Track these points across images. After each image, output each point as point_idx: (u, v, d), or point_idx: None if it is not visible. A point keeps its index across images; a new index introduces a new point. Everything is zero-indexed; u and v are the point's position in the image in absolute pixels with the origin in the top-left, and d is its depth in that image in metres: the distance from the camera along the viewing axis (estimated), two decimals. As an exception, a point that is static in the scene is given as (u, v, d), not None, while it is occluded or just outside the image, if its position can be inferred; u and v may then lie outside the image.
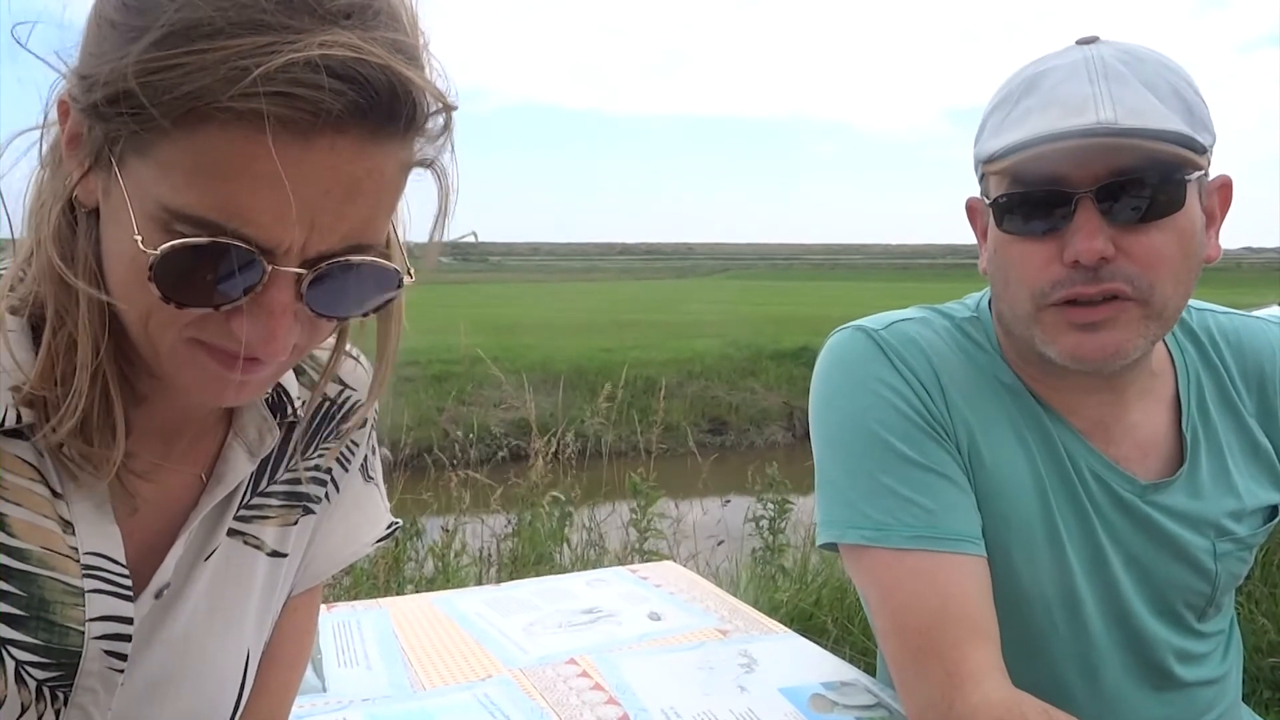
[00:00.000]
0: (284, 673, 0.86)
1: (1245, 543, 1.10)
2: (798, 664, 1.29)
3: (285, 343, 0.59)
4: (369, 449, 0.89)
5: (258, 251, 0.55)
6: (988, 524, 1.03)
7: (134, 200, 0.56)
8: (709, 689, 1.20)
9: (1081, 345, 0.97)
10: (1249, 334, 1.15)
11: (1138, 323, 0.96)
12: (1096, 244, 0.93)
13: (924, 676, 0.96)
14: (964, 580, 0.98)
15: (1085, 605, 1.05)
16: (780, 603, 3.18)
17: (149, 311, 0.59)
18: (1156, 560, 1.07)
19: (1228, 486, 1.09)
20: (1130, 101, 0.92)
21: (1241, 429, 1.12)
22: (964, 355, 1.09)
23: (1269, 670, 2.74)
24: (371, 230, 0.60)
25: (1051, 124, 0.93)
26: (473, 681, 1.21)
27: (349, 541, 0.88)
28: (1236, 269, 55.59)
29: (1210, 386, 1.12)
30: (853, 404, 1.06)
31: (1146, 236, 0.94)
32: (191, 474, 0.73)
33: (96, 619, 0.66)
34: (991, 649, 0.96)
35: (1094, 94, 0.93)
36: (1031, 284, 0.98)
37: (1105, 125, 0.91)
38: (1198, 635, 1.11)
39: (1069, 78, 0.96)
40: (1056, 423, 1.06)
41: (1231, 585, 1.12)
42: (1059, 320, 0.98)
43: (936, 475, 1.02)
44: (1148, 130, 0.91)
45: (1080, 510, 1.05)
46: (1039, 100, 0.96)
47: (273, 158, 0.52)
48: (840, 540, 1.04)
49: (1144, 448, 1.08)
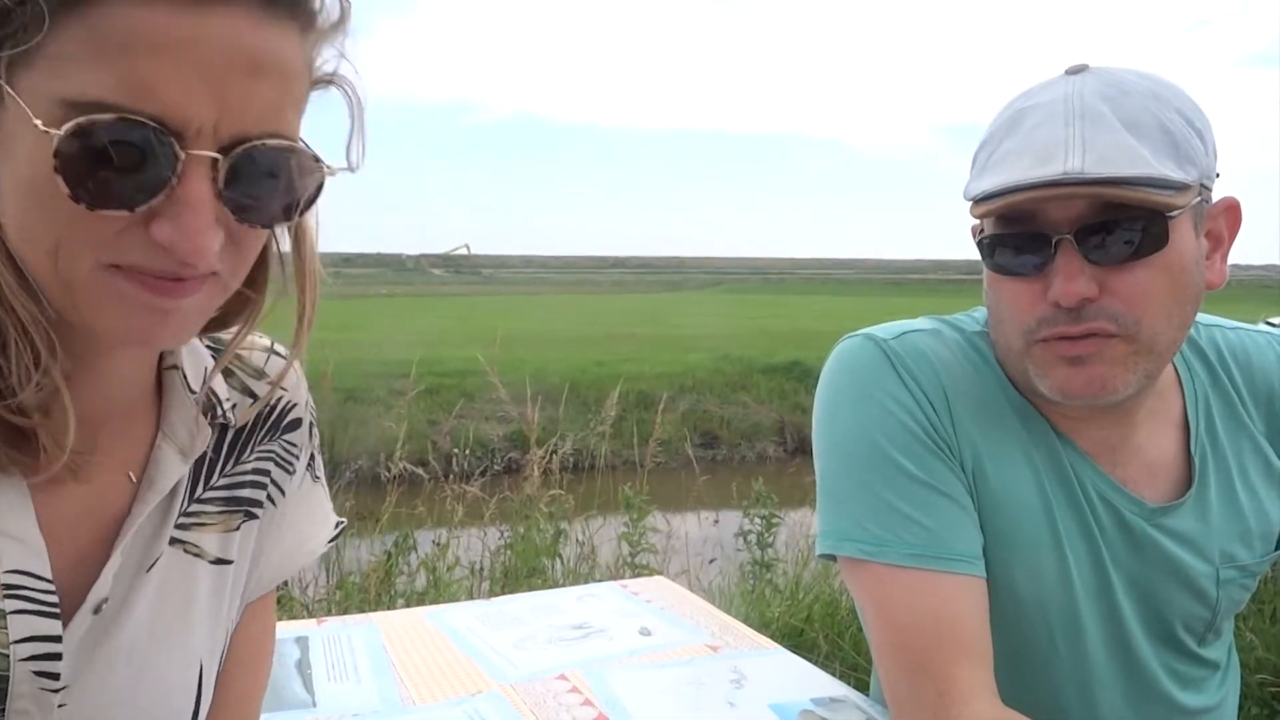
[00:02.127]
0: (244, 681, 0.84)
1: (1250, 570, 1.09)
2: (788, 680, 1.29)
3: (210, 245, 0.57)
4: (314, 448, 0.87)
5: (167, 131, 0.54)
6: (990, 542, 1.03)
7: (32, 109, 0.54)
8: (699, 705, 1.20)
9: (1070, 380, 0.97)
10: (1258, 351, 1.14)
11: (1125, 359, 0.96)
12: (1075, 286, 0.93)
13: (916, 694, 0.96)
14: (960, 600, 0.98)
15: (1086, 627, 1.05)
16: (771, 619, 3.18)
17: (57, 242, 0.56)
18: (1158, 585, 1.06)
19: (1235, 509, 1.08)
20: (1102, 147, 0.91)
21: (1252, 449, 1.11)
22: (973, 370, 1.08)
23: (1257, 687, 2.74)
24: (283, 120, 0.58)
25: (1024, 172, 0.93)
26: (463, 697, 1.21)
27: (301, 544, 0.86)
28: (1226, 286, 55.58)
29: (1219, 406, 1.11)
30: (858, 415, 1.05)
31: (1131, 274, 0.94)
32: (121, 475, 0.70)
33: (21, 640, 0.63)
34: (984, 670, 0.96)
35: (1066, 139, 0.93)
36: (1020, 321, 0.99)
37: (1072, 175, 0.91)
38: (1195, 660, 1.11)
39: (1046, 120, 0.95)
40: (1064, 443, 1.06)
41: (1232, 611, 1.11)
42: (1048, 355, 0.98)
43: (939, 494, 1.01)
44: (1116, 178, 0.90)
45: (1087, 532, 1.04)
46: (1016, 143, 0.97)
47: (169, 26, 0.52)
48: (838, 552, 1.04)
49: (1152, 469, 1.07)
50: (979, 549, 1.02)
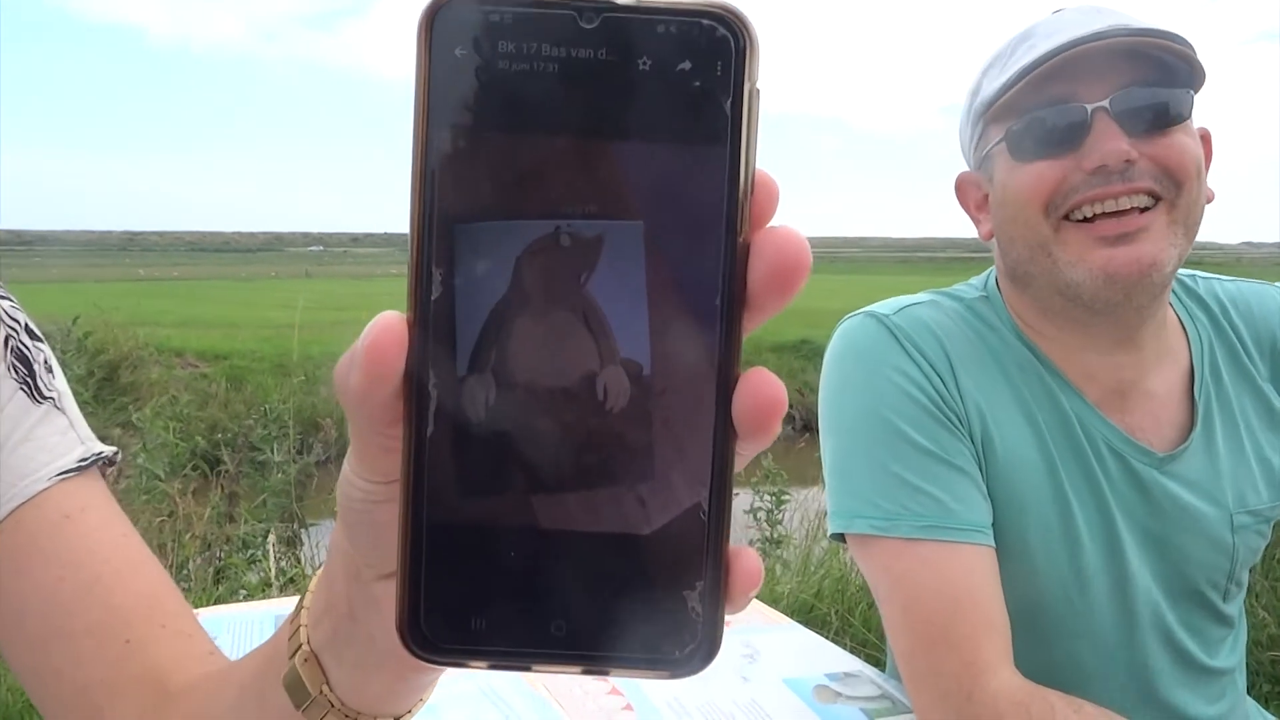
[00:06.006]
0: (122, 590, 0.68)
1: (1263, 515, 1.09)
2: (801, 655, 1.28)
3: None
4: (44, 365, 0.74)
5: None
6: (1002, 508, 1.03)
7: None
8: (712, 680, 1.20)
9: (1113, 259, 0.96)
10: (1258, 299, 1.15)
11: (1166, 231, 0.96)
12: (1122, 145, 0.93)
13: (938, 667, 0.95)
14: (975, 570, 0.98)
15: (1095, 583, 1.05)
16: (781, 595, 3.18)
17: None
18: (1174, 537, 1.06)
19: (1242, 452, 1.08)
20: (1132, 17, 0.96)
21: (1256, 394, 1.11)
22: (975, 335, 1.08)
23: (1269, 664, 2.74)
24: None
25: (1066, 38, 0.95)
26: (477, 672, 1.21)
27: (16, 470, 0.70)
28: (1236, 263, 55.50)
29: (1223, 352, 1.11)
30: (865, 392, 1.05)
31: (1166, 138, 0.95)
32: None
33: None
34: (1004, 641, 0.96)
35: (1099, 12, 0.97)
36: (1047, 197, 0.98)
37: (1121, 27, 0.94)
38: (1217, 617, 1.11)
39: (1065, 16, 1.00)
40: (1070, 396, 1.05)
41: (1250, 561, 1.11)
42: (1084, 238, 0.97)
43: (948, 465, 1.01)
44: (1162, 31, 0.94)
45: (1095, 487, 1.04)
46: (1041, 36, 0.99)
47: None
48: (848, 530, 1.04)
49: (1158, 416, 1.07)
50: (989, 519, 1.01)
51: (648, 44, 0.29)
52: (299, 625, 0.45)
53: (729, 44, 0.29)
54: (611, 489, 0.30)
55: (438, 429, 0.30)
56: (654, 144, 0.29)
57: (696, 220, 0.29)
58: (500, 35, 0.29)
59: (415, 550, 0.30)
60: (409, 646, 0.31)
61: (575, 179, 0.29)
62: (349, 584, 0.40)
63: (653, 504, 0.30)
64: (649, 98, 0.29)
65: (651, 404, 0.30)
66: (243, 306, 20.71)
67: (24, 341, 0.74)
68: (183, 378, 10.37)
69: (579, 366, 0.30)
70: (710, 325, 0.29)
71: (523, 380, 0.30)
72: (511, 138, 0.29)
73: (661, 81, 0.29)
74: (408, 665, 0.41)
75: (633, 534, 0.30)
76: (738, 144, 0.29)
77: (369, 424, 0.32)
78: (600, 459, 0.30)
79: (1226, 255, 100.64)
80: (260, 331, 14.13)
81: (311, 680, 0.44)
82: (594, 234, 0.29)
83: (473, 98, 0.29)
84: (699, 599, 0.30)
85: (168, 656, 0.65)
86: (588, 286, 0.29)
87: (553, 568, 0.30)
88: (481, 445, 0.30)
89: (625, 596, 0.30)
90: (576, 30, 0.28)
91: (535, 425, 0.30)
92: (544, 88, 0.29)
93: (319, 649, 0.44)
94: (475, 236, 0.29)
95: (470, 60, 0.29)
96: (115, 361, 9.40)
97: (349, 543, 0.39)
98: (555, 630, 0.30)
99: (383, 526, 0.34)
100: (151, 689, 0.63)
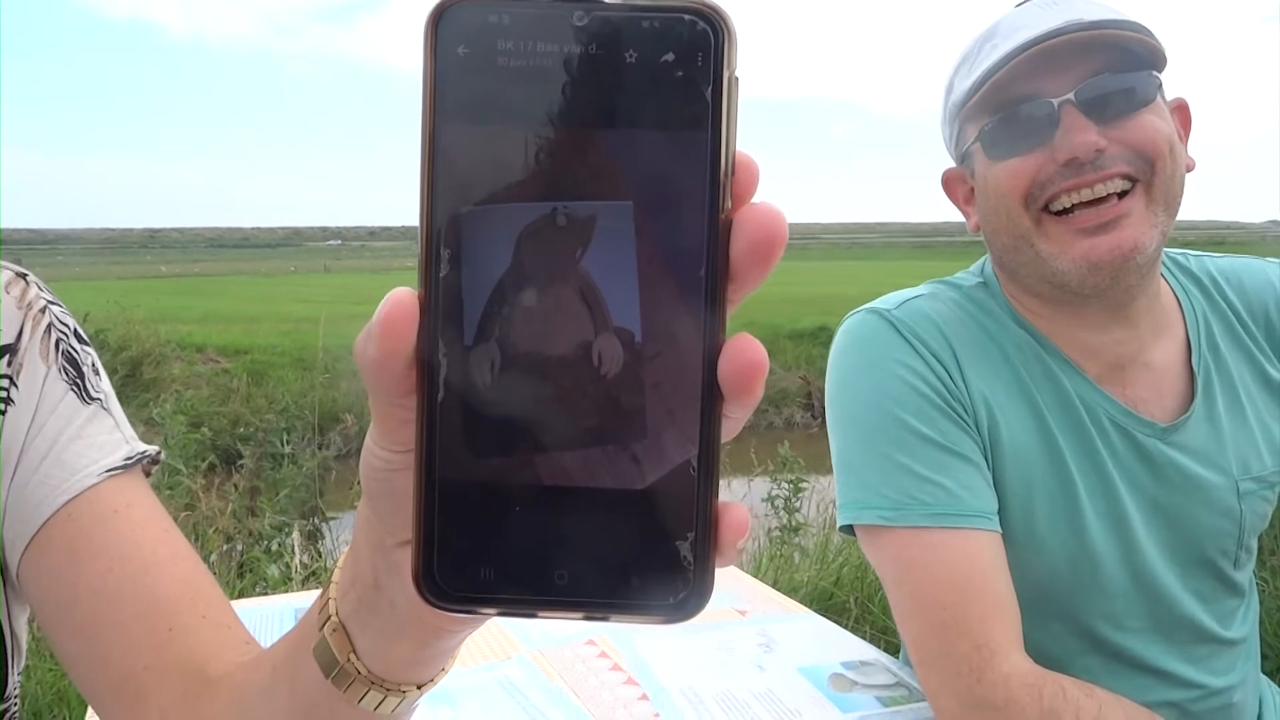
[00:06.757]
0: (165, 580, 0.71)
1: (1268, 481, 1.10)
2: (817, 644, 1.29)
3: None
4: (91, 368, 0.78)
5: None
6: (1009, 495, 1.03)
7: None
8: (728, 669, 1.21)
9: (1095, 249, 0.98)
10: (1249, 273, 1.17)
11: (1146, 212, 0.98)
12: (1088, 136, 0.95)
13: (948, 651, 0.96)
14: (985, 556, 0.98)
15: (1108, 561, 1.05)
16: (800, 583, 3.19)
17: None
18: (1181, 507, 1.07)
19: (1243, 420, 1.10)
20: (1092, 10, 0.98)
21: (1253, 364, 1.12)
22: (975, 324, 1.09)
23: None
24: None
25: (1026, 36, 0.98)
26: (493, 663, 1.22)
27: (69, 466, 0.73)
28: (1261, 241, 55.03)
29: (1218, 324, 1.13)
30: (870, 385, 1.06)
31: (1134, 121, 0.97)
32: None
33: None
34: (1014, 624, 0.96)
35: (1055, 7, 0.99)
36: (1024, 192, 1.00)
37: (1075, 22, 0.96)
38: (1228, 586, 1.11)
39: (1027, 12, 1.01)
40: (1070, 374, 1.06)
41: (1258, 527, 1.12)
42: (1065, 230, 0.99)
43: (953, 455, 1.02)
44: (1117, 20, 0.96)
45: (1098, 463, 1.05)
46: (1003, 35, 1.01)
47: None
48: (858, 521, 1.04)
49: (1158, 388, 1.09)
50: (995, 507, 1.03)
51: (634, 38, 0.31)
52: (328, 599, 0.47)
53: (708, 36, 0.31)
54: (607, 448, 0.32)
55: (447, 394, 0.32)
56: (641, 129, 0.31)
57: (682, 199, 0.31)
58: (499, 34, 0.31)
59: (429, 507, 0.33)
60: (424, 595, 0.33)
61: (570, 164, 0.31)
62: (373, 554, 0.42)
63: (646, 461, 0.32)
64: (636, 87, 0.31)
65: (643, 369, 0.32)
66: (262, 301, 20.86)
67: (73, 345, 0.78)
68: (204, 373, 10.47)
69: (576, 335, 0.32)
70: (696, 295, 0.32)
71: (524, 349, 0.32)
72: (511, 127, 0.31)
73: (647, 72, 0.31)
74: (430, 631, 0.43)
75: (628, 489, 0.32)
76: (719, 128, 0.31)
77: (386, 394, 0.34)
78: (597, 420, 0.32)
79: (1251, 234, 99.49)
80: (280, 326, 14.24)
81: (340, 649, 0.46)
82: (588, 214, 0.31)
83: (475, 91, 0.31)
84: (690, 549, 0.32)
85: (208, 645, 0.68)
86: (583, 262, 0.32)
87: (555, 521, 0.33)
88: (488, 409, 0.32)
89: (622, 547, 0.32)
90: (569, 28, 0.31)
91: (536, 390, 0.32)
92: (540, 81, 0.31)
93: (346, 619, 0.46)
94: (479, 218, 0.32)
95: (472, 57, 0.31)
96: (138, 358, 9.50)
97: (371, 511, 0.41)
98: (558, 579, 0.32)
99: (401, 494, 0.36)
100: (193, 675, 0.66)
